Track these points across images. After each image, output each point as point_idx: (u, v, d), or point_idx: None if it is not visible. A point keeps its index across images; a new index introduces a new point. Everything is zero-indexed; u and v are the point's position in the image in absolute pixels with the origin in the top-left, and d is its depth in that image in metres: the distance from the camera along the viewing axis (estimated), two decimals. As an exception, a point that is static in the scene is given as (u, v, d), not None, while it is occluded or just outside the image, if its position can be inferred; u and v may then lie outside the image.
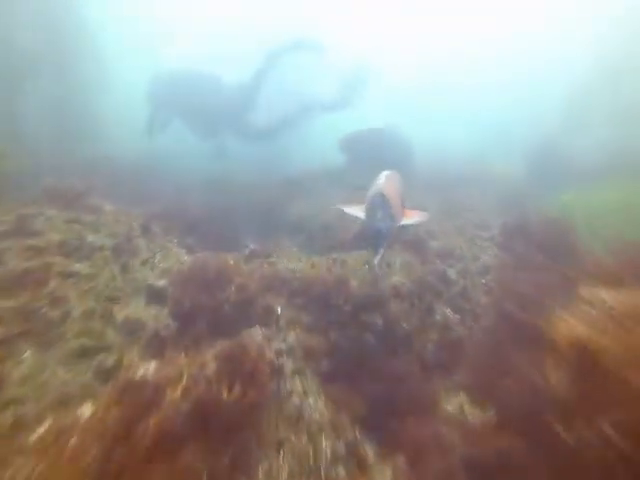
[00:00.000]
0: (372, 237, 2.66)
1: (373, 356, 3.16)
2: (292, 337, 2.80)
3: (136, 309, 2.79)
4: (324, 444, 2.06)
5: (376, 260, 2.62)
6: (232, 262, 3.69)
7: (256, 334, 2.45)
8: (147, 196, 6.84)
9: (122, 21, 15.97)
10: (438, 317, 3.54)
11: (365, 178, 6.28)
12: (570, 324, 2.14)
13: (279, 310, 3.24)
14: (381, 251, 2.61)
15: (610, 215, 5.94)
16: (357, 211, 3.10)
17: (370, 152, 8.30)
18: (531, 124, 11.89)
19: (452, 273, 4.03)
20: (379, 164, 5.70)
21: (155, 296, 3.07)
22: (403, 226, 2.99)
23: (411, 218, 3.00)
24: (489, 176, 9.32)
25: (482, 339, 3.36)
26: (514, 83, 15.14)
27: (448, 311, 3.62)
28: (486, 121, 14.20)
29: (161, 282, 3.27)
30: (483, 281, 4.09)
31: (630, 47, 10.48)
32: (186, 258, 4.12)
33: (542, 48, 15.41)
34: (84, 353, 2.26)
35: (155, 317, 2.75)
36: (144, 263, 3.51)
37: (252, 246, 4.24)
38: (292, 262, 3.89)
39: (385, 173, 2.95)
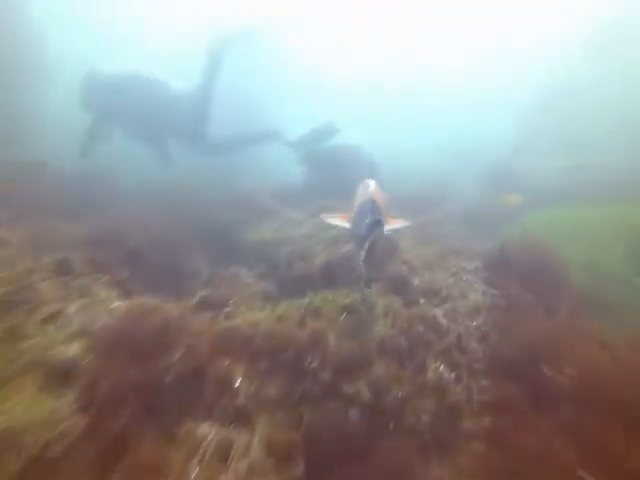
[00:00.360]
0: (361, 238, 2.65)
1: (359, 439, 2.47)
2: (256, 438, 2.02)
3: (16, 404, 1.86)
4: None
5: (361, 256, 2.62)
6: (178, 313, 2.85)
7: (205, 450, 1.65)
8: (77, 213, 5.70)
9: (72, 20, 14.47)
10: (431, 377, 2.93)
11: (329, 198, 5.65)
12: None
13: (238, 382, 2.46)
14: (365, 247, 2.60)
15: (576, 239, 5.82)
16: (340, 221, 3.15)
17: (333, 170, 7.78)
18: (489, 140, 12.01)
19: (441, 317, 3.47)
20: (343, 183, 5.17)
21: (58, 375, 2.16)
22: (387, 232, 2.96)
23: (394, 224, 3.12)
24: (452, 194, 9.10)
25: (487, 405, 2.79)
26: (470, 100, 15.44)
27: (442, 368, 3.02)
28: (444, 134, 14.22)
29: (71, 350, 2.35)
30: (474, 323, 3.55)
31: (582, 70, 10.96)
32: (117, 305, 3.19)
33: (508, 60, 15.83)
34: None
35: (49, 416, 1.85)
36: (50, 320, 2.56)
37: (204, 291, 3.39)
38: (254, 312, 3.12)
39: (371, 181, 3.01)
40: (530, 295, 4.09)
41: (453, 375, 2.95)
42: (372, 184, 2.98)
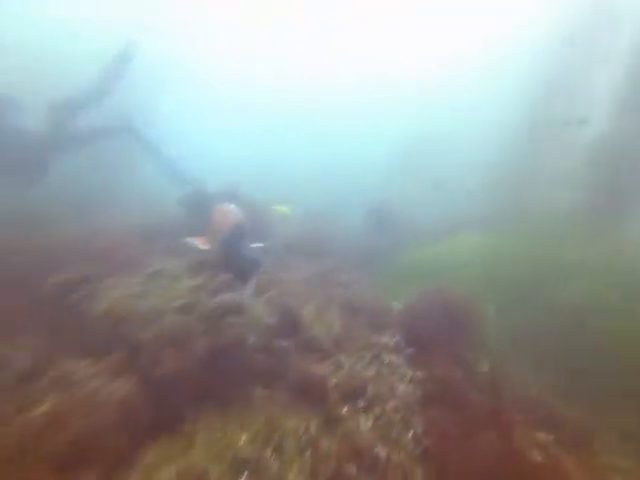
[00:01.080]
0: (240, 267, 2.71)
1: None
2: None
3: None
4: None
5: (248, 292, 2.73)
6: None
7: None
8: None
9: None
10: None
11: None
12: None
13: None
14: (252, 284, 2.69)
15: (448, 271, 5.83)
16: (200, 244, 3.08)
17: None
18: (367, 171, 12.37)
19: (375, 440, 2.58)
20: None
21: None
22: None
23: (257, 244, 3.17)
24: (335, 232, 8.54)
25: None
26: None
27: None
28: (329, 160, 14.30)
29: None
30: (410, 434, 2.77)
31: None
32: None
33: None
34: None
35: None
36: None
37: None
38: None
39: (230, 205, 3.07)
40: (457, 370, 3.62)
41: None
42: (232, 206, 3.06)
